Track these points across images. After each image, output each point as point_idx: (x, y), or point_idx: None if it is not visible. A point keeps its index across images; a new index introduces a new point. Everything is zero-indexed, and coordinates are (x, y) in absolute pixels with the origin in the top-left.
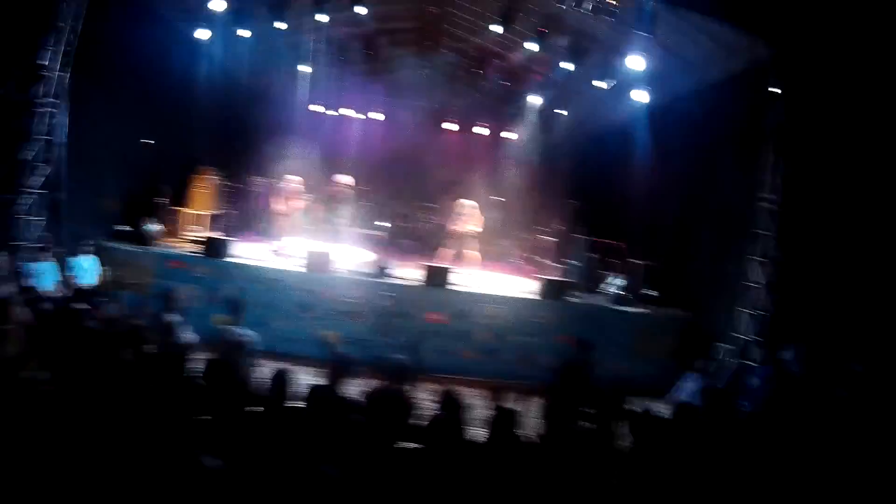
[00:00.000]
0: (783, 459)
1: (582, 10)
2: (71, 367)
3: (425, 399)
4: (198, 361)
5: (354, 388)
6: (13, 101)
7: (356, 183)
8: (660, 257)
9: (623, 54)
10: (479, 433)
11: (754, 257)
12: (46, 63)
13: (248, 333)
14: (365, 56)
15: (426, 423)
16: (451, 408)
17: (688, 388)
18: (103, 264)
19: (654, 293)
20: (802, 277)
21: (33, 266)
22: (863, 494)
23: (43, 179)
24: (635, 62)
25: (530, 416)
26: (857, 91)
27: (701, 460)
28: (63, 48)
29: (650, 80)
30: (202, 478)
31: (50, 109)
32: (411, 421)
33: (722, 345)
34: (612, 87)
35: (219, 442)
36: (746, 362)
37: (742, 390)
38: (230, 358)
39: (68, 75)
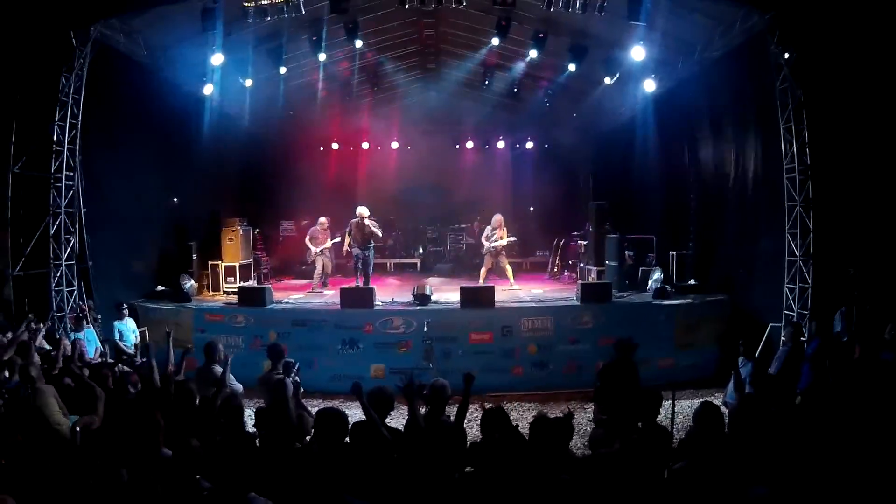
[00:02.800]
0: (836, 438)
1: (571, 10)
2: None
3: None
4: (246, 409)
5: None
6: (31, 177)
7: (384, 214)
8: (692, 244)
9: (623, 47)
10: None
11: (788, 230)
12: (55, 138)
13: (293, 377)
14: (371, 87)
15: (472, 447)
16: (497, 428)
17: (741, 374)
18: (142, 325)
19: (693, 281)
20: (839, 243)
21: (72, 335)
22: None
23: (69, 251)
24: (636, 52)
25: (583, 423)
26: (863, 41)
27: (755, 450)
28: (69, 121)
29: (654, 68)
30: None
31: (66, 182)
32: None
33: (772, 324)
34: (618, 81)
35: (268, 485)
36: (799, 340)
37: (796, 370)
38: (278, 404)
39: (77, 147)
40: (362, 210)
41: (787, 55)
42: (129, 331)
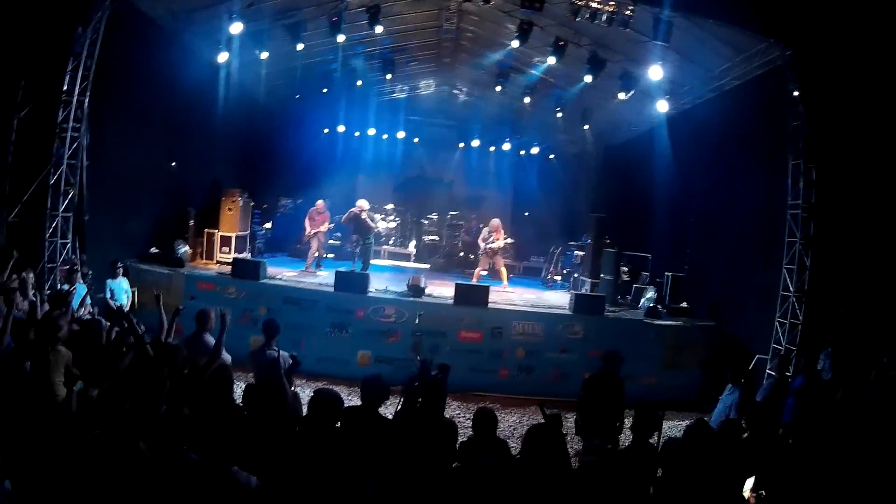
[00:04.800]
0: (820, 471)
1: (597, 23)
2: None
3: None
4: (235, 382)
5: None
6: (36, 125)
7: (385, 203)
8: (688, 267)
9: (641, 64)
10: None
11: (786, 265)
12: (65, 87)
13: (285, 354)
14: (385, 74)
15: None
16: (485, 426)
17: (725, 401)
18: (133, 286)
19: (685, 304)
20: (834, 283)
21: (63, 287)
22: None
23: (68, 202)
24: (654, 72)
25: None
26: (880, 89)
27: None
28: (81, 73)
29: (669, 88)
30: (238, 495)
31: (71, 133)
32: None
33: (759, 355)
34: (633, 98)
35: (256, 462)
36: (785, 374)
37: (781, 401)
38: (268, 379)
39: (87, 99)
40: (362, 203)
41: (802, 93)
42: (121, 290)
